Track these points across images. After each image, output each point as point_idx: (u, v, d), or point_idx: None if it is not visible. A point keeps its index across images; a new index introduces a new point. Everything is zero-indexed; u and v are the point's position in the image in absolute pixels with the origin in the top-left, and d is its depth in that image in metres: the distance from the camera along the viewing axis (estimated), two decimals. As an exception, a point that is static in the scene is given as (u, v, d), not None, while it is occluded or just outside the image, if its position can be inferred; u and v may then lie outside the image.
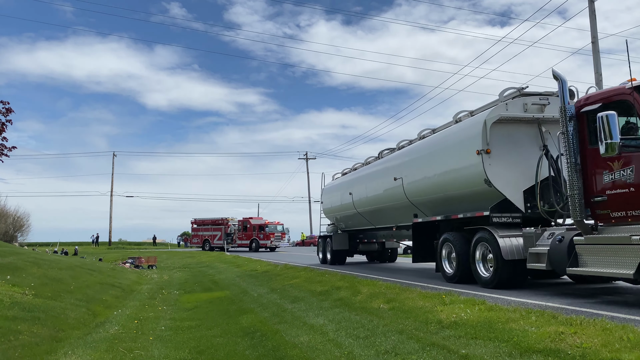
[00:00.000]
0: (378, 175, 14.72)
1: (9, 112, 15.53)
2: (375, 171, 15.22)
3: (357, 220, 17.15)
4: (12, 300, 9.16)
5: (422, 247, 12.06)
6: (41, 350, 6.93)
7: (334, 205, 19.04)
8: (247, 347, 6.90)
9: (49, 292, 11.21)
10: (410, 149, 13.21)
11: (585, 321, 5.28)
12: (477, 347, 5.07)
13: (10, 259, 14.31)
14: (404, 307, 7.50)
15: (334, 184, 19.83)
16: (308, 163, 62.06)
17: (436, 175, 11.23)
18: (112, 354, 6.90)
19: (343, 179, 18.91)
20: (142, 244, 62.92)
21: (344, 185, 17.96)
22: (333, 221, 19.81)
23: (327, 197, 20.24)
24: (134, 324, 9.50)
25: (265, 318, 8.93)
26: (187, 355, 6.79)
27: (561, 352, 4.49)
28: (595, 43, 18.73)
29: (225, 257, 29.69)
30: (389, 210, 14.19)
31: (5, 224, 29.80)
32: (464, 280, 9.98)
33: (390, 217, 14.52)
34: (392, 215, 14.22)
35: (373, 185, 15.05)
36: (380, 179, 14.36)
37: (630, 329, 4.87)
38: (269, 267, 19.00)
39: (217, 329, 8.63)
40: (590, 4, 19.28)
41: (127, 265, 24.82)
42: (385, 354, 5.47)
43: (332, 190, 19.76)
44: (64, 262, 18.26)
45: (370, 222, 16.32)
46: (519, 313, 6.04)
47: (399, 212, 13.56)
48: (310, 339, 6.64)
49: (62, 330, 8.47)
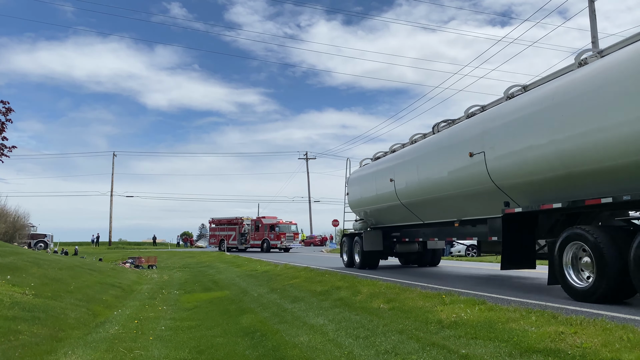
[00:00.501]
0: (438, 154, 11.26)
1: (9, 112, 15.58)
2: (433, 150, 11.64)
3: (399, 214, 13.84)
4: (12, 300, 9.15)
5: (517, 248, 8.82)
6: (41, 350, 6.93)
7: (365, 196, 15.72)
8: (247, 347, 6.90)
9: (49, 292, 11.21)
10: (497, 110, 9.46)
11: (585, 321, 5.28)
12: (477, 347, 5.07)
13: (10, 258, 14.31)
14: (404, 307, 7.50)
15: (365, 172, 16.25)
16: (308, 163, 62.08)
17: (559, 141, 7.55)
18: (112, 354, 6.90)
19: (378, 164, 15.27)
20: (142, 244, 62.94)
21: (381, 171, 14.49)
22: (361, 216, 16.51)
23: (354, 187, 16.82)
24: (134, 324, 9.50)
25: (265, 318, 8.93)
26: (187, 355, 6.79)
27: (561, 352, 4.49)
28: (595, 43, 18.73)
29: (225, 257, 29.69)
30: (454, 200, 10.78)
31: (6, 224, 29.78)
32: (609, 299, 6.83)
33: (452, 208, 11.14)
34: (456, 205, 10.89)
35: (429, 168, 11.56)
36: (443, 158, 10.95)
37: (630, 329, 4.87)
38: (269, 267, 18.99)
39: (217, 329, 8.63)
40: (591, 4, 19.28)
41: (127, 265, 24.82)
42: (385, 354, 5.47)
43: (361, 179, 16.25)
44: (64, 262, 18.26)
45: (417, 217, 12.99)
46: (519, 313, 6.04)
47: (472, 201, 10.23)
48: (310, 339, 6.63)
49: (62, 330, 8.47)
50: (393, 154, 14.49)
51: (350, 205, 17.17)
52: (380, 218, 15.41)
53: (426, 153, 11.99)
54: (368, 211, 15.85)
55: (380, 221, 15.45)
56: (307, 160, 62.16)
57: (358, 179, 16.65)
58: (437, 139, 11.73)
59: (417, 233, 14.18)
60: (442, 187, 11.02)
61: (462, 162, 10.04)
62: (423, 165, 11.91)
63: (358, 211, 16.75)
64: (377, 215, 15.50)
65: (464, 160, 9.95)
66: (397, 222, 14.55)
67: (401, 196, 13.07)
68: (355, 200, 16.61)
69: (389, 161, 14.39)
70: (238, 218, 41.04)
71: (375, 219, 15.66)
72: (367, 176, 15.79)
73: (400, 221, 14.29)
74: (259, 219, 40.39)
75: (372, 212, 15.67)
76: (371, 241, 15.27)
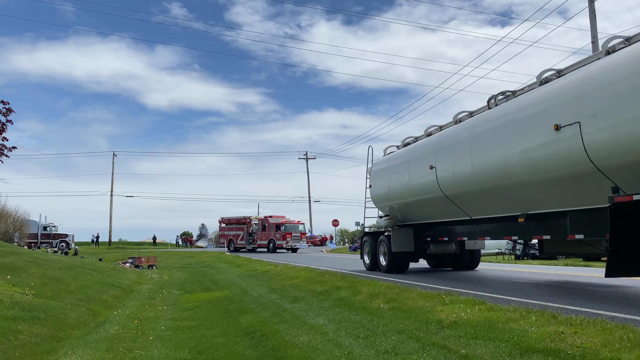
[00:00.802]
0: (503, 132, 8.94)
1: (9, 112, 15.60)
2: (494, 127, 9.25)
3: (438, 208, 11.73)
4: (12, 300, 9.16)
5: (632, 249, 6.35)
6: (41, 350, 6.93)
7: (393, 189, 13.58)
8: (247, 347, 6.90)
9: (49, 292, 11.21)
10: (598, 68, 7.07)
11: (585, 321, 5.28)
12: (477, 347, 5.07)
13: (10, 258, 14.31)
14: (404, 307, 7.50)
15: (393, 161, 13.97)
16: (308, 163, 62.07)
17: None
18: (112, 354, 6.90)
19: (411, 151, 12.97)
20: (142, 244, 62.91)
21: (416, 159, 12.34)
22: (387, 212, 14.55)
23: (378, 179, 14.69)
24: (134, 323, 9.51)
25: (265, 318, 8.94)
26: (187, 355, 6.80)
27: (561, 352, 4.49)
28: (595, 43, 18.72)
29: (225, 257, 29.70)
30: (524, 188, 8.62)
31: (6, 224, 29.78)
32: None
33: (518, 199, 8.94)
34: (525, 196, 8.75)
35: (489, 150, 9.32)
36: (511, 135, 8.66)
37: (630, 328, 4.87)
38: (269, 267, 18.99)
39: (217, 328, 8.64)
40: (590, 4, 19.29)
41: (127, 265, 24.83)
42: (385, 353, 5.47)
43: (388, 169, 14.07)
44: (64, 262, 18.27)
45: (463, 211, 10.82)
46: (519, 313, 6.04)
47: (551, 189, 8.14)
48: (310, 339, 6.64)
49: (62, 330, 8.47)
50: (430, 137, 12.16)
51: (374, 199, 15.08)
52: (411, 214, 13.35)
53: (484, 131, 9.59)
54: (396, 206, 13.83)
55: (411, 217, 13.41)
56: (307, 160, 62.19)
57: (383, 170, 14.42)
58: (499, 113, 9.36)
59: (458, 231, 11.93)
60: (509, 173, 8.76)
61: (542, 139, 7.88)
62: (479, 147, 9.63)
63: (382, 206, 14.78)
64: (407, 211, 13.42)
65: (545, 135, 7.79)
66: (433, 218, 12.44)
67: (445, 187, 10.84)
68: (380, 193, 14.53)
69: (426, 146, 12.01)
70: (246, 217, 39.91)
71: (405, 215, 13.65)
72: (396, 166, 13.57)
73: (438, 217, 12.16)
74: (266, 218, 38.80)
75: (401, 207, 13.58)
76: (401, 241, 13.22)
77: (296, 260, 22.87)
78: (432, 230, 13.04)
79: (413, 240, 13.30)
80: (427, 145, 12.04)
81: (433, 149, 11.57)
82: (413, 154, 12.75)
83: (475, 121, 10.24)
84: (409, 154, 13.09)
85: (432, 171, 11.22)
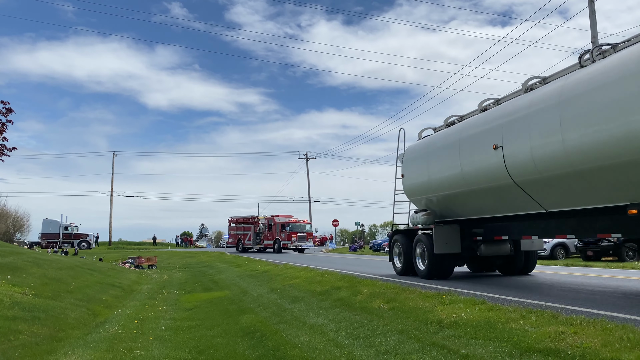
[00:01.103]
0: (614, 92, 6.68)
1: (9, 113, 15.59)
2: (597, 87, 7.03)
3: (501, 199, 9.53)
4: (12, 300, 9.16)
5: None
6: (41, 350, 6.93)
7: (437, 177, 11.28)
8: (247, 347, 6.90)
9: (49, 292, 11.21)
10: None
11: (585, 321, 5.28)
12: (477, 347, 5.06)
13: (10, 258, 14.31)
14: (404, 307, 7.49)
15: (434, 143, 11.77)
16: (308, 163, 62.05)
17: None
18: (112, 354, 6.91)
19: (461, 130, 10.62)
20: (142, 244, 62.88)
21: (470, 138, 10.03)
22: (424, 206, 12.28)
23: (413, 166, 12.49)
24: (134, 323, 9.51)
25: (265, 318, 8.94)
26: (187, 355, 6.80)
27: (561, 352, 4.48)
28: (595, 43, 18.72)
29: (225, 257, 29.69)
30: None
31: (6, 224, 29.80)
32: None
33: (630, 184, 6.86)
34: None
35: (594, 119, 6.98)
36: (626, 98, 6.46)
37: (630, 328, 4.87)
38: (269, 267, 18.98)
39: (217, 328, 8.64)
40: (590, 4, 19.29)
41: (127, 265, 24.83)
42: (385, 353, 5.47)
43: (429, 154, 11.81)
44: (64, 262, 18.27)
45: (536, 202, 8.75)
46: (519, 313, 6.04)
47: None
48: (310, 339, 6.63)
49: (62, 330, 8.47)
50: (491, 111, 9.86)
51: (407, 191, 12.88)
52: (458, 207, 11.13)
53: (584, 94, 7.24)
54: (436, 199, 11.60)
55: (457, 212, 11.28)
56: (307, 160, 62.15)
57: (421, 156, 12.19)
58: (599, 70, 7.19)
59: (524, 228, 9.69)
60: (624, 149, 6.51)
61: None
62: (578, 116, 7.28)
63: (418, 199, 12.54)
64: (453, 204, 11.18)
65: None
66: (490, 212, 10.22)
67: (516, 171, 8.61)
68: (416, 184, 12.30)
69: (487, 121, 9.68)
70: (254, 217, 39.33)
71: (448, 209, 11.46)
72: (439, 150, 11.33)
73: (498, 210, 9.94)
74: (272, 217, 37.68)
75: (444, 200, 11.30)
76: (445, 240, 11.17)
77: (296, 260, 22.87)
78: (485, 227, 10.87)
79: (460, 239, 11.26)
80: (488, 120, 9.61)
81: (497, 123, 9.15)
82: (466, 132, 10.36)
83: (567, 83, 7.79)
84: (458, 133, 10.63)
85: (496, 152, 8.96)
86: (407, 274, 12.30)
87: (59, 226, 46.54)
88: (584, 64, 7.85)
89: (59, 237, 45.75)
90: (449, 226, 11.40)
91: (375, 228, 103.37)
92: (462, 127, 10.75)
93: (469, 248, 11.41)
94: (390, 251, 13.39)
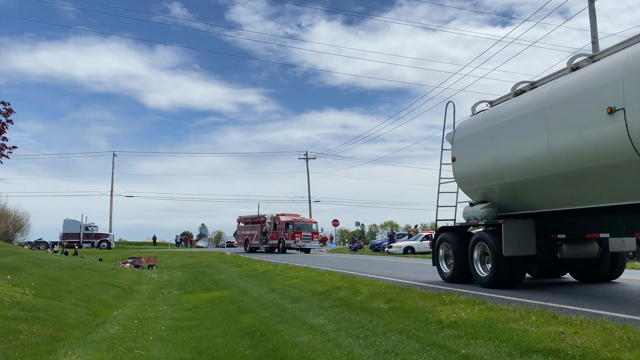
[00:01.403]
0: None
1: (9, 113, 15.58)
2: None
3: (609, 184, 7.23)
4: (12, 300, 9.16)
5: None
6: (41, 350, 6.93)
7: (507, 159, 8.97)
8: (247, 347, 6.90)
9: (49, 292, 11.21)
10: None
11: (585, 321, 5.28)
12: (477, 347, 5.07)
13: (10, 258, 14.31)
14: (404, 307, 7.49)
15: (503, 116, 9.27)
16: (308, 163, 62.02)
17: None
18: (112, 354, 6.91)
19: (550, 94, 8.08)
20: (142, 244, 62.92)
21: (567, 102, 7.60)
22: (481, 196, 10.10)
23: (470, 146, 10.25)
24: (134, 323, 9.51)
25: (265, 318, 8.94)
26: (187, 355, 6.80)
27: (561, 352, 4.49)
28: (595, 43, 18.72)
29: (225, 257, 29.69)
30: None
31: (6, 224, 29.80)
32: None
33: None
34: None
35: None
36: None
37: (630, 328, 4.87)
38: (269, 267, 18.97)
39: (217, 328, 8.64)
40: (590, 4, 19.28)
41: (127, 265, 24.82)
42: (385, 353, 5.47)
43: (495, 130, 9.37)
44: (64, 262, 18.26)
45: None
46: (519, 313, 6.03)
47: None
48: (310, 339, 6.64)
49: (62, 330, 8.47)
50: (598, 64, 7.39)
51: (460, 178, 10.64)
52: (534, 197, 8.91)
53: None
54: (500, 187, 9.36)
55: (532, 203, 9.05)
56: (307, 160, 62.12)
57: (481, 133, 9.86)
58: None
59: (635, 221, 7.24)
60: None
61: None
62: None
63: (474, 189, 10.27)
64: (527, 193, 8.95)
65: None
66: (585, 201, 7.87)
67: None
68: (474, 169, 10.06)
69: (592, 77, 7.27)
70: (261, 216, 38.22)
71: (518, 199, 9.25)
72: (512, 122, 8.91)
73: (598, 199, 7.59)
74: (277, 216, 36.05)
75: (516, 188, 9.07)
76: (517, 240, 8.93)
77: (296, 260, 22.87)
78: (570, 221, 8.63)
79: (534, 238, 9.02)
80: (595, 76, 7.23)
81: (613, 78, 6.79)
82: (556, 97, 7.88)
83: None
84: (544, 99, 8.15)
85: (612, 118, 6.72)
86: (459, 281, 10.12)
87: (80, 226, 46.98)
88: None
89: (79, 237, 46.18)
90: (522, 222, 9.08)
91: (375, 228, 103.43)
92: (548, 90, 8.23)
93: (546, 249, 9.11)
94: (435, 253, 11.09)
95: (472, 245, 9.81)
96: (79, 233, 46.56)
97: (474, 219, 10.01)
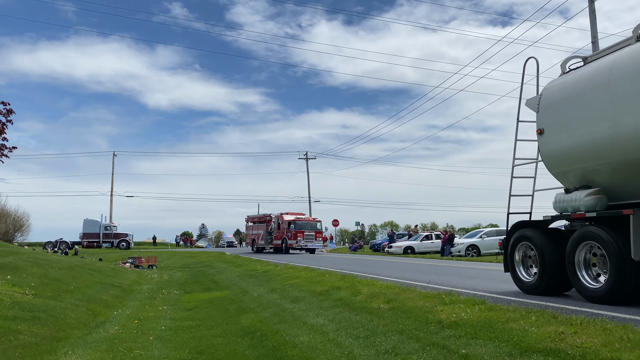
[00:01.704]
0: None
1: (9, 113, 15.57)
2: None
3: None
4: (12, 300, 9.16)
5: None
6: (41, 350, 6.93)
7: (633, 127, 6.55)
8: (247, 347, 6.90)
9: (49, 292, 11.21)
10: None
11: (585, 321, 5.28)
12: (477, 347, 5.06)
13: (10, 258, 14.31)
14: (404, 307, 7.49)
15: (621, 68, 6.86)
16: (308, 163, 61.98)
17: None
18: (112, 354, 6.91)
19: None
20: (142, 244, 62.88)
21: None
22: (584, 180, 7.71)
23: (569, 113, 7.85)
24: (134, 323, 9.51)
25: (265, 318, 8.93)
26: (187, 355, 6.80)
27: (561, 352, 4.49)
28: (595, 43, 18.71)
29: (225, 257, 29.69)
30: None
31: (6, 224, 29.81)
32: None
33: None
34: None
35: None
36: None
37: (630, 328, 4.87)
38: (269, 267, 18.97)
39: (217, 328, 8.64)
40: (590, 4, 19.27)
41: (127, 265, 24.83)
42: (385, 353, 5.47)
43: (612, 84, 6.94)
44: (64, 262, 18.26)
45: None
46: (519, 313, 6.03)
47: None
48: (310, 339, 6.63)
49: (62, 330, 8.47)
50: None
51: (552, 157, 8.27)
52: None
53: None
54: (623, 165, 6.96)
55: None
56: (307, 160, 62.07)
57: (590, 91, 7.47)
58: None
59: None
60: None
61: None
62: None
63: (572, 171, 7.96)
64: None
65: None
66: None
67: None
68: (576, 143, 7.68)
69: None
70: (267, 215, 37.21)
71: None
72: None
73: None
74: (281, 215, 34.82)
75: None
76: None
77: (297, 260, 22.87)
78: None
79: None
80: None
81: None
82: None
83: None
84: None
85: None
86: (548, 292, 7.95)
87: (99, 226, 47.28)
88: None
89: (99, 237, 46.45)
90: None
91: (375, 228, 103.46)
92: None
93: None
94: (509, 256, 8.76)
95: (573, 245, 7.43)
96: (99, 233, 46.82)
97: (576, 210, 7.65)
